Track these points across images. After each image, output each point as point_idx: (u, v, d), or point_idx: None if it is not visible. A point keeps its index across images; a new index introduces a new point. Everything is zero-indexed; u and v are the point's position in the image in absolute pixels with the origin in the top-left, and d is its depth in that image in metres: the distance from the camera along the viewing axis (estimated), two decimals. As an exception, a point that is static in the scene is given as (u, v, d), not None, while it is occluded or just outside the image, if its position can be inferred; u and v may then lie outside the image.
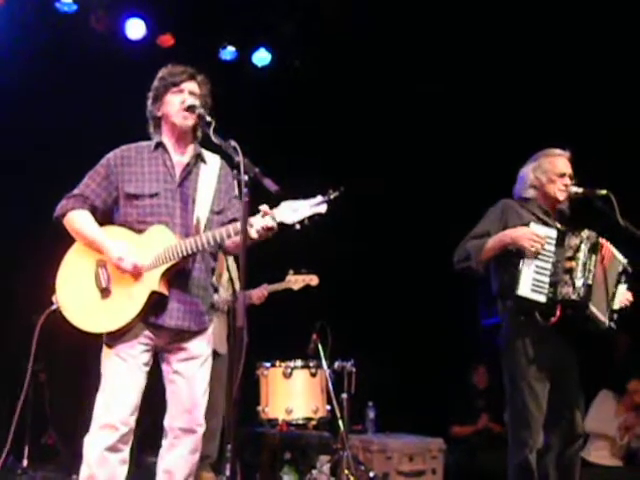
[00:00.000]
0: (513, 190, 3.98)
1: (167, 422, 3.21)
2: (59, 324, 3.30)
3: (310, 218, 2.94)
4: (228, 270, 4.82)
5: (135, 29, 6.41)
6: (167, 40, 6.52)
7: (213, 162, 3.31)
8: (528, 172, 3.92)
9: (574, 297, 3.62)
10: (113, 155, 3.25)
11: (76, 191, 3.23)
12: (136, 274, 3.08)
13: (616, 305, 3.78)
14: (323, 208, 2.93)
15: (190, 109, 3.12)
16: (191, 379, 3.19)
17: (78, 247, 3.23)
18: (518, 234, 3.68)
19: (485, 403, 6.41)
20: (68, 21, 6.19)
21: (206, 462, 4.88)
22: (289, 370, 4.96)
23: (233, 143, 2.84)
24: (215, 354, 4.85)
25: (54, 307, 4.09)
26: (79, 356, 4.92)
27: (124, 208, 3.20)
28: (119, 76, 5.85)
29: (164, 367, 3.23)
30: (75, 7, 6.16)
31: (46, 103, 5.87)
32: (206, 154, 3.31)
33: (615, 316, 3.76)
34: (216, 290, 4.94)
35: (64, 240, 3.26)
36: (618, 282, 3.79)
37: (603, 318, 3.70)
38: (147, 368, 3.16)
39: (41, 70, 5.89)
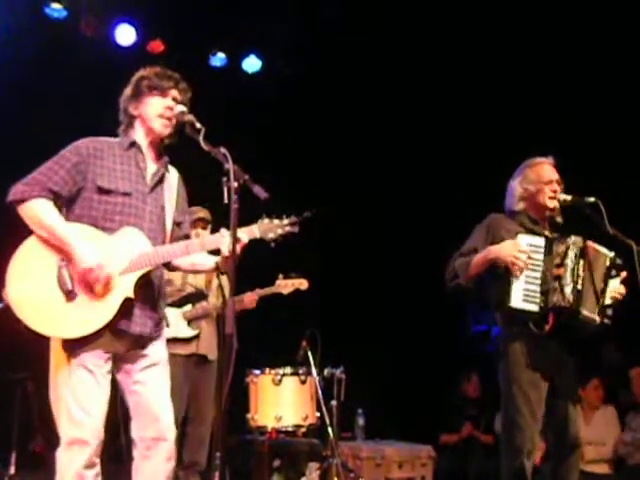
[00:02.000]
0: (504, 205, 3.99)
1: (135, 433, 3.06)
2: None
3: (284, 236, 3.06)
4: (218, 277, 4.82)
5: (125, 35, 6.41)
6: (157, 46, 6.52)
7: (173, 174, 3.27)
8: (515, 185, 3.92)
9: (565, 304, 3.63)
10: (84, 144, 3.09)
11: (39, 176, 2.99)
12: (105, 282, 2.95)
13: (607, 300, 3.76)
14: (296, 228, 3.08)
15: (179, 115, 3.08)
16: (156, 386, 3.08)
17: (35, 240, 2.99)
18: (501, 250, 3.69)
19: (475, 412, 6.41)
20: (58, 27, 6.18)
21: (195, 470, 4.87)
22: (279, 377, 4.95)
23: (223, 150, 2.83)
24: (205, 360, 4.88)
25: (0, 305, 3.79)
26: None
27: (90, 202, 3.01)
28: (109, 82, 5.82)
29: (122, 378, 3.08)
30: (65, 13, 6.16)
31: (36, 109, 5.85)
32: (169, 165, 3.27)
33: (609, 311, 3.75)
34: (205, 297, 4.95)
35: (16, 228, 2.99)
36: (607, 277, 3.77)
37: (594, 317, 3.70)
38: (110, 376, 3.03)
39: (31, 75, 5.87)
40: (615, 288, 3.79)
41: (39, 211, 2.96)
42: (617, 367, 6.33)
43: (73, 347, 2.94)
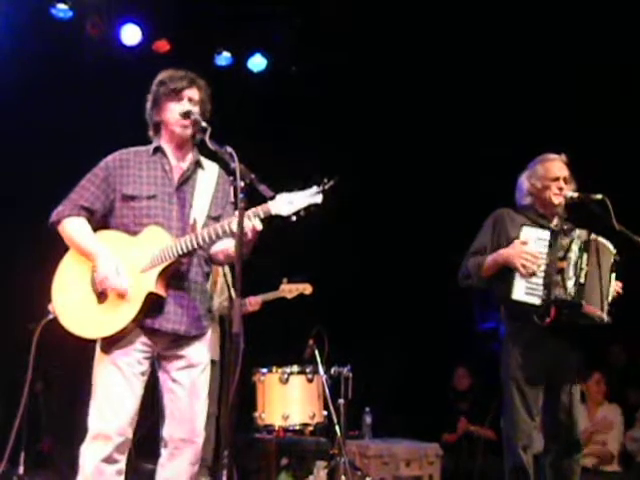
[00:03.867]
0: (514, 199, 4.03)
1: (166, 432, 3.13)
2: (54, 332, 3.27)
3: (306, 209, 2.92)
4: (224, 276, 4.82)
5: (131, 35, 6.41)
6: (163, 46, 6.53)
7: (211, 169, 3.30)
8: (524, 180, 3.98)
9: (566, 297, 3.65)
10: (112, 158, 3.23)
11: (74, 196, 3.19)
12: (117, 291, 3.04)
13: (611, 297, 3.78)
14: (319, 198, 2.92)
15: (186, 115, 3.10)
16: (191, 388, 3.13)
17: (73, 253, 3.20)
18: (510, 254, 3.73)
19: (467, 406, 6.39)
20: (64, 27, 6.19)
21: (202, 465, 4.87)
22: (285, 376, 4.95)
23: (229, 149, 2.83)
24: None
25: (50, 317, 4.00)
26: (76, 364, 4.91)
27: (120, 210, 3.16)
28: (115, 82, 5.85)
29: (161, 375, 3.16)
30: (71, 13, 6.16)
31: (42, 109, 5.87)
32: (204, 161, 3.29)
33: (612, 309, 3.76)
34: (209, 298, 4.95)
35: (62, 245, 3.21)
36: (612, 273, 3.79)
37: (600, 313, 3.72)
38: (145, 377, 3.10)
39: (37, 76, 5.89)
40: (614, 285, 3.80)
41: (70, 229, 3.16)
42: (623, 367, 6.31)
43: (105, 344, 3.07)
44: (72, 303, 3.13)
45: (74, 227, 3.15)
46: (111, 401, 3.02)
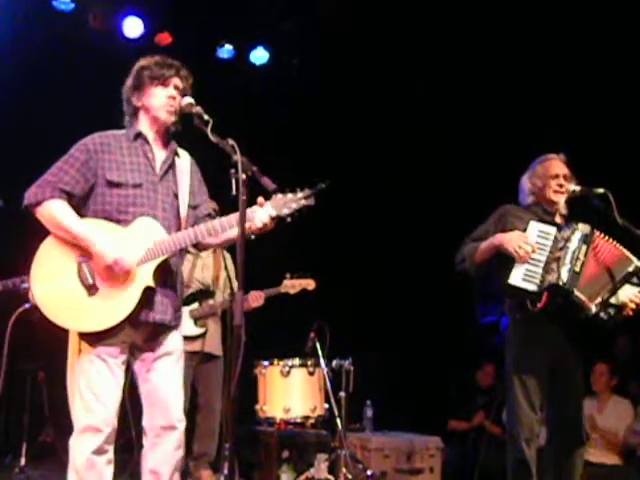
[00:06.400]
0: (517, 200, 4.06)
1: (146, 422, 3.11)
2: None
3: (299, 210, 3.00)
4: (226, 269, 4.83)
5: (133, 27, 6.42)
6: (165, 38, 6.53)
7: (185, 158, 3.28)
8: (525, 181, 4.03)
9: (558, 282, 3.65)
10: (91, 140, 3.13)
11: (51, 177, 3.04)
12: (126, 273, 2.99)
13: (616, 300, 3.74)
14: (312, 201, 3.00)
15: (187, 107, 3.07)
16: (168, 375, 3.11)
17: (53, 240, 3.05)
18: (506, 238, 3.74)
19: (486, 401, 6.40)
20: (65, 19, 6.19)
21: (205, 460, 4.90)
22: (287, 369, 4.95)
23: (231, 141, 2.83)
24: (211, 357, 4.89)
25: (27, 306, 3.93)
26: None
27: (102, 197, 3.06)
28: (117, 75, 5.82)
29: (137, 366, 3.13)
30: (72, 5, 6.17)
31: (43, 101, 5.87)
32: (179, 150, 3.27)
33: (612, 311, 3.73)
34: (212, 294, 4.95)
35: (38, 230, 3.06)
36: (625, 279, 3.75)
37: (590, 305, 3.69)
38: (125, 367, 3.08)
39: (38, 68, 5.89)
40: (632, 295, 3.74)
41: (54, 212, 3.02)
42: (627, 360, 6.30)
43: (94, 339, 3.00)
44: (57, 294, 2.99)
45: (58, 210, 3.01)
46: (98, 393, 2.98)
